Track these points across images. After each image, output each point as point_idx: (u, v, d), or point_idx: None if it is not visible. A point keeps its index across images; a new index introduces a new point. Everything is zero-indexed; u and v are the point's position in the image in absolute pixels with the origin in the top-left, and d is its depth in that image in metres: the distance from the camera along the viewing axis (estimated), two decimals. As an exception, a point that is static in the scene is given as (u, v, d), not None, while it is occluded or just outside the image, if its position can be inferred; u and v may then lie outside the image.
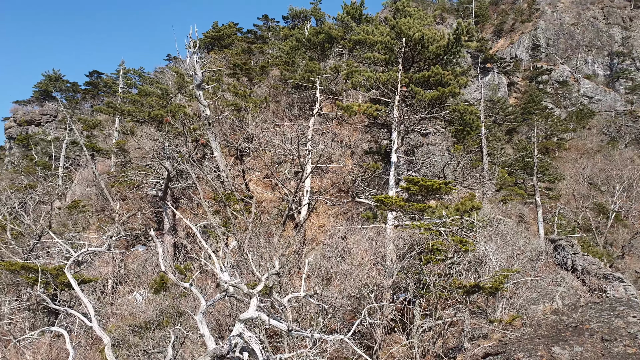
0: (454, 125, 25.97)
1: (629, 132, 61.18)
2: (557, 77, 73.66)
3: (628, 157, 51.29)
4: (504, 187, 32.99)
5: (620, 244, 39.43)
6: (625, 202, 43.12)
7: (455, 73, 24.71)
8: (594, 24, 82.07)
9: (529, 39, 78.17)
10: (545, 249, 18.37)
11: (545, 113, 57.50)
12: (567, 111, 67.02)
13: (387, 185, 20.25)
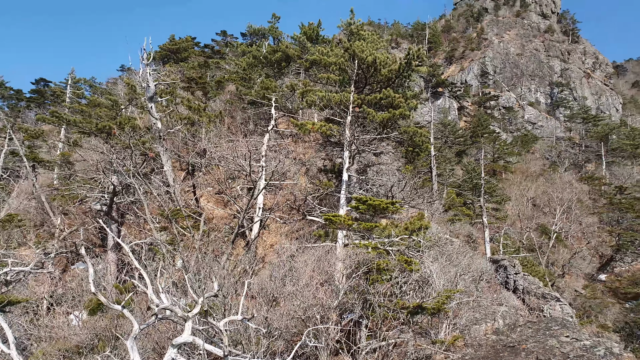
0: (404, 146, 26.57)
1: (568, 157, 64.81)
2: (504, 103, 77.43)
3: (567, 180, 54.03)
4: (452, 207, 33.92)
5: (560, 263, 41.15)
6: (565, 223, 45.24)
7: (406, 96, 25.42)
8: (537, 56, 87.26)
9: (478, 66, 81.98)
10: (489, 269, 18.96)
11: (493, 137, 60.01)
12: (512, 136, 70.35)
13: (340, 203, 20.36)
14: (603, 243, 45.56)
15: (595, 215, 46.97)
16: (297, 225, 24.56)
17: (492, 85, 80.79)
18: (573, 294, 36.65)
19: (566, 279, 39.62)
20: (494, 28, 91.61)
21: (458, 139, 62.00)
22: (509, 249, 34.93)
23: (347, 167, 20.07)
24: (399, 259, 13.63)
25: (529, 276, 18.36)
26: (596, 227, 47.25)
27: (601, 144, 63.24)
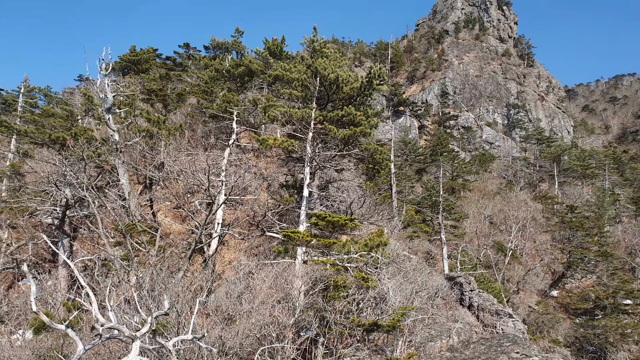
0: (365, 164, 26.88)
1: (523, 177, 67.25)
2: (463, 123, 79.89)
3: (522, 199, 55.92)
4: (411, 224, 34.41)
5: (515, 279, 42.25)
6: (520, 240, 46.65)
7: (367, 114, 25.80)
8: (494, 78, 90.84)
9: (439, 86, 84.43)
10: (445, 286, 19.28)
11: (452, 155, 61.64)
12: (471, 155, 72.50)
13: (300, 219, 20.28)
14: (555, 260, 47.23)
15: (549, 233, 48.71)
16: (256, 241, 24.26)
17: (451, 105, 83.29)
18: (527, 310, 37.66)
19: (521, 295, 40.68)
20: (454, 50, 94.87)
21: (418, 157, 63.39)
22: (467, 266, 35.65)
23: (308, 183, 20.08)
24: (356, 276, 13.64)
25: (484, 293, 18.77)
26: (549, 244, 48.96)
27: (554, 164, 66.02)
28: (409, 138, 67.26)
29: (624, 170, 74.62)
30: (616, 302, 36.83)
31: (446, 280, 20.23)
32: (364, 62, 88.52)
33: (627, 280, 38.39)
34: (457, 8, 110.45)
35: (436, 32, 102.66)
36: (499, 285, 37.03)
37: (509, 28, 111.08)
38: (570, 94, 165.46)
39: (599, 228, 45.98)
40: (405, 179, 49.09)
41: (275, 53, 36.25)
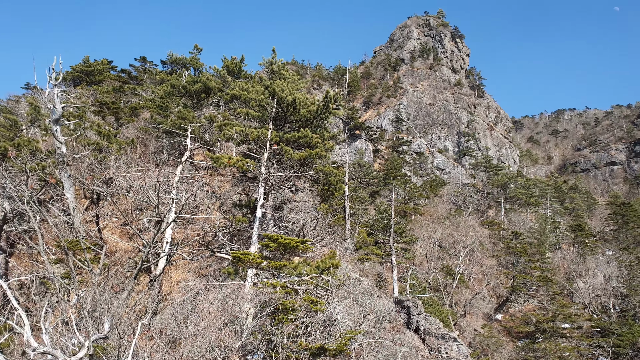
0: (320, 185, 27.13)
1: (472, 203, 69.67)
2: (416, 148, 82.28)
3: (471, 224, 57.67)
4: (363, 246, 34.77)
5: (463, 303, 43.24)
6: (468, 265, 47.97)
7: (324, 137, 26.18)
8: (447, 106, 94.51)
9: (393, 112, 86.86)
10: (393, 309, 19.54)
11: (405, 180, 63.11)
12: (422, 180, 74.56)
13: (252, 240, 20.09)
14: (500, 285, 48.84)
15: (494, 258, 50.39)
16: (206, 261, 23.75)
17: (405, 131, 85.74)
18: (473, 333, 38.57)
19: (467, 319, 41.65)
20: (409, 78, 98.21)
21: (372, 180, 64.52)
22: (416, 289, 36.27)
23: (262, 203, 19.99)
24: (305, 299, 13.61)
25: (431, 317, 19.15)
26: (495, 269, 50.59)
27: (501, 191, 68.85)
28: (364, 161, 68.47)
29: (564, 199, 78.89)
30: (555, 325, 38.45)
31: (394, 303, 20.50)
32: (322, 85, 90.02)
33: (566, 305, 40.22)
34: (413, 38, 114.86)
35: (392, 60, 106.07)
36: (447, 308, 37.84)
37: (461, 59, 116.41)
38: (516, 125, 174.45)
39: (540, 254, 48.12)
40: (359, 202, 49.72)
41: (233, 72, 36.24)
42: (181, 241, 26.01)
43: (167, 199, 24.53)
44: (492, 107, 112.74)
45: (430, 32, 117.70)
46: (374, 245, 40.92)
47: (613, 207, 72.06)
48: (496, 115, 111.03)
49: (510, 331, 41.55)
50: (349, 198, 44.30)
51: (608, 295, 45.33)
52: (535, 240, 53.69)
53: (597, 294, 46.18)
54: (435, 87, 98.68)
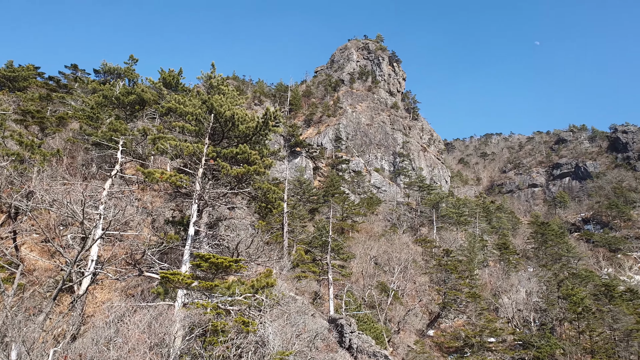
0: (257, 202, 26.81)
1: (406, 220, 71.82)
2: (354, 167, 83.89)
3: (405, 242, 59.25)
4: (301, 264, 34.63)
5: (396, 319, 44.05)
6: (402, 281, 49.09)
7: (263, 153, 26.00)
8: (383, 127, 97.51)
9: (333, 131, 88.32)
10: (327, 327, 19.52)
11: (343, 197, 63.92)
12: (360, 197, 75.96)
13: (183, 259, 19.36)
14: (432, 301, 50.37)
15: (427, 275, 51.97)
16: (134, 281, 22.60)
17: (344, 149, 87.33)
18: (406, 349, 39.31)
19: (401, 335, 42.44)
20: (349, 99, 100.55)
21: (312, 197, 64.85)
22: (352, 306, 36.52)
23: (195, 220, 19.40)
24: (236, 320, 13.26)
25: (363, 334, 19.30)
26: (427, 285, 52.14)
27: (433, 210, 71.56)
28: (304, 178, 68.77)
29: (491, 218, 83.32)
30: (482, 340, 40.14)
31: (328, 322, 20.48)
32: (264, 102, 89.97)
33: (492, 320, 42.16)
34: (352, 60, 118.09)
35: (333, 81, 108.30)
36: (381, 325, 38.38)
37: (398, 83, 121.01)
38: (448, 147, 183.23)
39: (470, 271, 50.23)
40: (298, 219, 49.66)
41: (170, 84, 35.34)
42: (108, 259, 24.61)
43: (93, 215, 23.20)
44: (426, 129, 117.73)
45: (369, 56, 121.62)
46: (312, 263, 40.87)
47: (534, 226, 77.18)
48: (429, 137, 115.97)
49: (441, 346, 42.83)
50: (288, 215, 44.13)
51: (529, 309, 48.06)
52: (465, 257, 56.02)
53: (519, 308, 48.81)
54: (373, 109, 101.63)
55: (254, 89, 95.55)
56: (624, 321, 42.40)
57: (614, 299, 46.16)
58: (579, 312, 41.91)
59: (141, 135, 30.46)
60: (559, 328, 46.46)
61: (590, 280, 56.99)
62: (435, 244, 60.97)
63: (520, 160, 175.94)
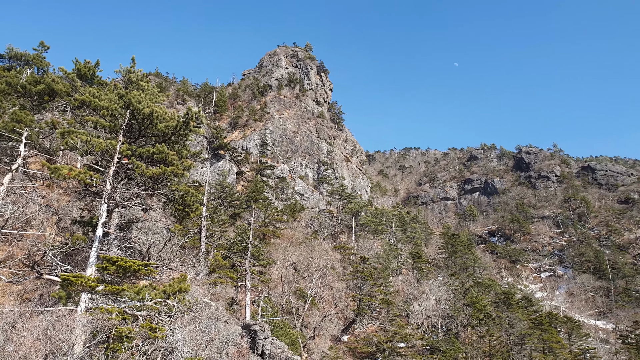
0: (174, 205, 25.94)
1: (327, 228, 73.00)
2: (279, 173, 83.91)
3: (325, 248, 60.14)
4: (218, 269, 33.94)
5: (312, 325, 44.45)
6: (320, 288, 49.69)
7: (182, 154, 25.25)
8: (309, 136, 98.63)
9: (259, 136, 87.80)
10: (240, 333, 19.29)
11: (267, 203, 63.66)
12: (283, 204, 76.07)
13: (89, 261, 18.22)
14: (348, 307, 51.50)
15: (344, 281, 53.07)
16: (33, 284, 20.88)
17: (269, 155, 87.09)
18: (320, 355, 39.79)
19: (316, 341, 42.89)
20: (276, 104, 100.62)
21: (234, 202, 63.85)
22: (268, 312, 36.37)
23: (104, 221, 18.37)
24: (143, 326, 12.72)
25: (277, 340, 19.31)
26: (344, 292, 53.23)
27: (353, 218, 73.41)
28: (227, 182, 67.55)
29: (406, 228, 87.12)
30: (393, 345, 41.70)
31: (242, 328, 20.24)
32: (187, 101, 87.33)
33: (403, 326, 43.99)
34: (281, 66, 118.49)
35: (261, 85, 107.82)
36: (297, 331, 38.55)
37: (325, 93, 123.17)
38: (370, 159, 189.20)
39: (384, 278, 52.06)
40: (219, 223, 48.64)
41: (85, 76, 33.20)
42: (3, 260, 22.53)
43: (-12, 212, 21.16)
44: (350, 140, 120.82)
45: (298, 63, 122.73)
46: (230, 269, 40.15)
47: (445, 237, 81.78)
48: (353, 148, 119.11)
49: (355, 352, 43.86)
50: (208, 219, 43.10)
51: (437, 316, 50.74)
52: (380, 265, 57.98)
53: (429, 315, 51.39)
54: (300, 116, 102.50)
55: (177, 88, 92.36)
56: (519, 326, 46.17)
57: (511, 306, 50.11)
58: (481, 319, 44.97)
59: (49, 128, 28.32)
60: (463, 333, 49.49)
61: (492, 288, 61.46)
62: (353, 252, 62.40)
63: (435, 175, 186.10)
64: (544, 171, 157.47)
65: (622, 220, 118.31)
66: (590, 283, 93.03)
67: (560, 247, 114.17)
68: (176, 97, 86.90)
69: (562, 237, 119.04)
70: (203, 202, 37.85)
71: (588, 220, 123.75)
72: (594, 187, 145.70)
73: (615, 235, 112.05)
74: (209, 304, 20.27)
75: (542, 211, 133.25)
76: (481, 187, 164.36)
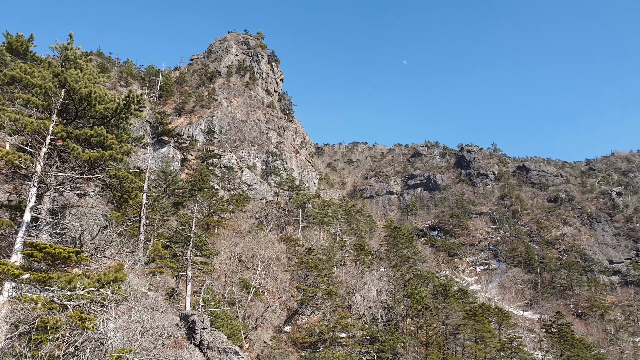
0: (112, 191, 24.86)
1: (273, 219, 72.73)
2: (226, 162, 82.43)
3: (270, 239, 59.99)
4: (157, 259, 32.95)
5: (255, 316, 44.33)
6: (264, 278, 49.54)
7: (121, 138, 24.20)
8: (258, 125, 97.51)
9: (206, 123, 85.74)
10: (179, 324, 18.85)
11: (212, 192, 62.38)
12: (230, 193, 74.89)
13: (14, 248, 17.08)
14: (291, 298, 51.68)
15: (289, 272, 53.20)
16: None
17: (216, 143, 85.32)
18: (262, 345, 39.74)
19: (258, 331, 42.80)
20: (225, 92, 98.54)
21: (178, 190, 62.08)
22: (210, 303, 35.79)
23: (33, 205, 17.28)
24: (71, 316, 12.10)
25: (216, 331, 19.03)
26: (288, 283, 53.39)
27: (300, 210, 73.59)
28: (171, 170, 65.51)
29: (352, 221, 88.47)
30: (335, 335, 42.31)
31: (181, 318, 19.79)
32: (131, 84, 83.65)
33: (344, 316, 44.70)
34: (231, 53, 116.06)
35: (209, 71, 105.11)
36: (239, 322, 38.25)
37: (275, 83, 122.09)
38: (318, 151, 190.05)
39: (328, 269, 52.64)
40: (160, 212, 47.13)
41: (17, 51, 30.92)
42: None
43: None
44: (299, 132, 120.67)
45: (249, 51, 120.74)
46: (172, 258, 39.07)
47: (388, 230, 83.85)
48: (302, 139, 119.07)
49: (297, 342, 44.15)
50: (149, 207, 41.65)
51: (378, 306, 52.01)
52: (325, 256, 58.55)
53: (370, 305, 52.57)
54: (249, 105, 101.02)
55: (120, 69, 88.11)
56: (454, 317, 48.25)
57: (448, 297, 52.25)
58: (419, 310, 46.57)
59: (-27, 104, 26.13)
60: (402, 324, 51.06)
61: (431, 281, 63.79)
62: (299, 243, 62.67)
63: (381, 169, 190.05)
64: (483, 169, 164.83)
65: (551, 217, 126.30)
66: (520, 276, 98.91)
67: (495, 242, 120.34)
68: (119, 79, 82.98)
69: (497, 232, 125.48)
70: (143, 189, 36.53)
71: (521, 217, 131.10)
72: (528, 186, 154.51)
73: (544, 231, 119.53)
74: (147, 294, 19.62)
75: (480, 207, 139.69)
76: (424, 182, 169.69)
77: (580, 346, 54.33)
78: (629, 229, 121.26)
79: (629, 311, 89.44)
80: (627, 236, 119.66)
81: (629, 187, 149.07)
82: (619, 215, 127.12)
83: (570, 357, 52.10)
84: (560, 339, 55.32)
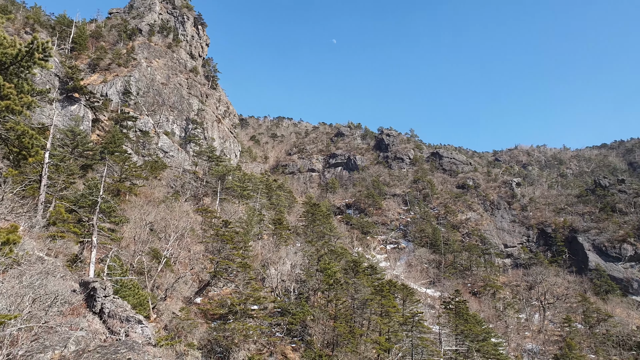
0: (9, 146, 22.65)
1: (190, 189, 70.61)
2: (141, 126, 78.17)
3: (185, 210, 58.32)
4: (59, 222, 30.74)
5: (165, 287, 43.19)
6: (177, 249, 48.22)
7: (22, 89, 21.99)
8: (179, 90, 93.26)
9: (122, 83, 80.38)
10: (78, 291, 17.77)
11: (124, 157, 59.01)
12: (144, 160, 71.37)
13: None
14: (204, 269, 50.96)
15: (203, 244, 52.24)
16: None
17: (132, 105, 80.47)
18: (171, 316, 38.94)
19: (167, 302, 41.80)
20: (145, 51, 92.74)
21: (87, 152, 57.94)
22: (117, 271, 34.18)
23: None
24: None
25: (119, 299, 18.24)
26: (202, 254, 52.52)
27: (219, 182, 72.07)
28: (80, 129, 60.71)
29: (272, 195, 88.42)
30: (246, 307, 42.48)
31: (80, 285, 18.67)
32: (38, 32, 75.68)
33: (257, 289, 44.94)
34: (154, 11, 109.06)
35: (129, 28, 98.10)
36: (147, 292, 37.03)
37: (200, 47, 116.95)
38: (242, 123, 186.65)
39: (245, 242, 52.37)
40: (66, 173, 43.75)
41: None
42: None
43: None
44: (223, 101, 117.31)
45: (174, 11, 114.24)
46: (77, 223, 36.59)
47: (307, 206, 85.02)
48: (226, 109, 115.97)
49: (207, 313, 43.77)
50: (52, 167, 38.51)
51: (291, 280, 52.95)
52: (242, 229, 58.16)
53: (283, 279, 53.34)
54: (170, 68, 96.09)
55: (27, 14, 79.27)
56: (363, 292, 50.41)
57: (358, 273, 54.37)
58: (331, 284, 48.05)
59: None
60: (313, 297, 52.45)
61: (344, 256, 65.95)
62: (216, 215, 61.52)
63: (304, 146, 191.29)
64: (400, 153, 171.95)
65: (458, 202, 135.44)
66: (426, 256, 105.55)
67: (406, 222, 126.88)
68: (24, 25, 74.76)
69: (408, 214, 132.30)
70: (46, 147, 33.70)
71: (431, 201, 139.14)
72: (440, 171, 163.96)
73: (450, 215, 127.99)
74: (43, 259, 18.24)
75: (395, 189, 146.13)
76: (344, 162, 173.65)
77: (472, 321, 59.41)
78: (524, 217, 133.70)
79: (516, 290, 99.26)
80: (521, 223, 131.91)
81: (527, 178, 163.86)
82: (516, 204, 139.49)
83: (464, 330, 56.86)
84: (456, 315, 60.04)
